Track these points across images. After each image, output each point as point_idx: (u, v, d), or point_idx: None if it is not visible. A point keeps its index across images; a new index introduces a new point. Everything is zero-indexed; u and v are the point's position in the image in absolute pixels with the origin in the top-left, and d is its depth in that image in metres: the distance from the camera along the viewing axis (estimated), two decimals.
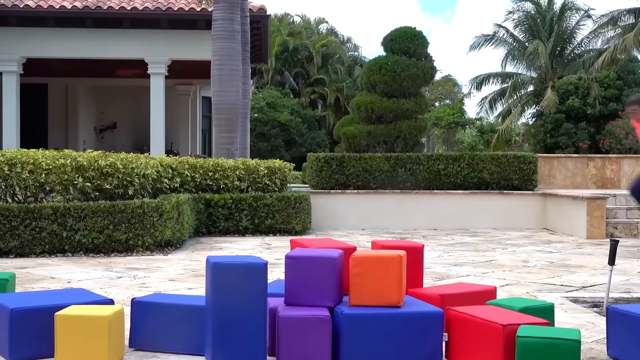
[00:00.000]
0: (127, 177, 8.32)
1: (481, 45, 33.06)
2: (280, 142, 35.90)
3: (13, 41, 19.10)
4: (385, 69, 16.70)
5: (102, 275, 6.56)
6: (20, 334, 3.69)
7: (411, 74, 16.64)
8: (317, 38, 47.30)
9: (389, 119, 16.76)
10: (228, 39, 13.17)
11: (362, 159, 12.51)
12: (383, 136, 16.56)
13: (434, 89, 49.61)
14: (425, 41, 17.25)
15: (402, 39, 17.01)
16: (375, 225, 12.24)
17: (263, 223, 10.49)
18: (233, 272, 3.47)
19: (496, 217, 12.55)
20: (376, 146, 16.59)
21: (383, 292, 3.72)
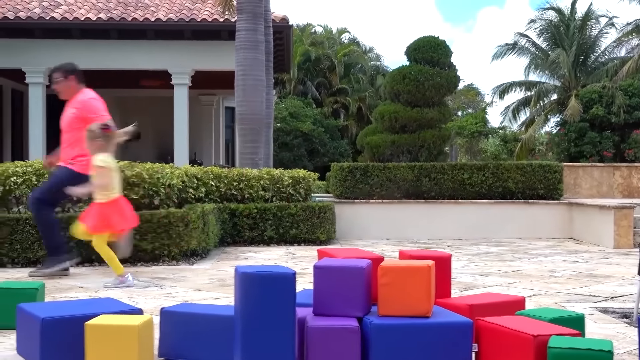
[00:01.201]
0: (153, 187, 8.36)
1: (504, 54, 32.97)
2: (302, 151, 35.95)
3: (39, 53, 19.29)
4: (408, 78, 16.69)
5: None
6: (51, 343, 3.71)
7: (435, 83, 16.61)
8: (339, 48, 47.35)
9: (412, 128, 16.73)
10: (252, 49, 13.22)
11: (386, 168, 12.49)
12: (407, 145, 16.53)
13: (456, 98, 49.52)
14: (448, 50, 17.22)
15: (425, 48, 17.00)
16: (400, 235, 12.21)
17: (287, 233, 10.50)
18: (262, 282, 3.47)
19: (521, 226, 12.48)
20: (400, 155, 16.56)
21: (412, 302, 3.71)
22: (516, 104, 33.72)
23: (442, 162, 13.36)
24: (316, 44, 46.72)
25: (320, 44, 46.85)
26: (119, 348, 3.54)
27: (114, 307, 4.04)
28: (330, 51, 46.27)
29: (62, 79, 7.32)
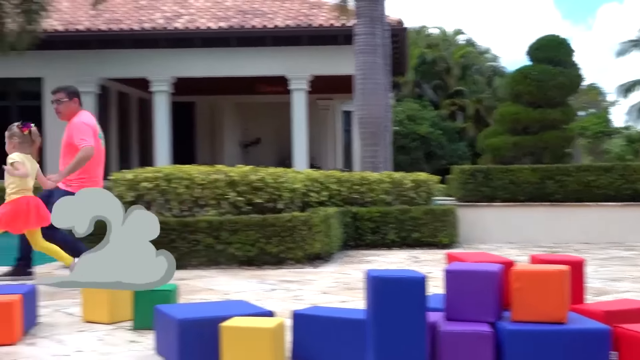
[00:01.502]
0: (277, 191, 8.50)
1: (627, 51, 31.88)
2: (420, 154, 35.76)
3: (163, 62, 19.94)
4: (530, 79, 16.35)
5: (256, 287, 6.72)
6: (188, 344, 3.83)
7: (557, 83, 16.21)
8: (455, 49, 46.86)
9: (534, 130, 16.38)
10: (370, 53, 13.26)
11: (509, 170, 12.27)
12: (529, 147, 16.19)
13: (578, 98, 48.15)
14: (570, 49, 16.79)
15: (547, 47, 16.63)
16: (524, 239, 11.95)
17: (409, 236, 10.46)
18: (393, 286, 3.47)
19: None
20: (522, 157, 16.24)
21: (546, 308, 3.63)
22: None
23: (566, 164, 13.00)
24: (432, 46, 46.39)
25: (436, 46, 46.49)
26: (254, 350, 3.62)
27: (246, 309, 4.13)
28: (446, 53, 45.84)
29: (67, 100, 7.27)
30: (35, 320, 4.96)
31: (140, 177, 8.34)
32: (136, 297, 4.79)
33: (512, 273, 3.71)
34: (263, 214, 8.43)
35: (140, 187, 8.34)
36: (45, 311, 5.42)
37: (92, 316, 5.05)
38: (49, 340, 4.50)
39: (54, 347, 4.32)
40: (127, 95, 23.73)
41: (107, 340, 4.51)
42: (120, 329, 4.83)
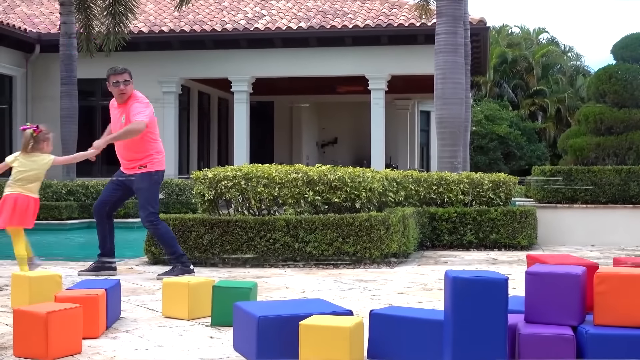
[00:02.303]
0: (355, 190, 8.50)
1: None
2: (498, 155, 35.33)
3: (244, 62, 20.20)
4: (615, 78, 15.93)
5: (332, 286, 6.74)
6: (267, 341, 3.86)
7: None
8: (536, 48, 46.11)
9: (619, 130, 15.94)
10: (451, 52, 13.14)
11: (591, 171, 11.99)
12: (613, 148, 15.77)
13: None
14: None
15: (633, 45, 16.17)
16: (605, 242, 11.67)
17: (487, 237, 10.33)
18: (474, 287, 3.44)
19: None
20: (605, 158, 15.84)
21: (631, 312, 3.54)
22: None
23: None
24: (512, 45, 45.77)
25: (517, 45, 45.85)
26: (332, 348, 3.63)
27: (325, 308, 4.14)
28: (527, 52, 45.16)
29: (131, 80, 7.31)
30: (118, 315, 5.08)
31: (220, 175, 8.45)
32: (215, 294, 4.86)
33: (596, 276, 3.63)
34: (340, 213, 8.45)
35: (220, 185, 8.45)
36: (127, 306, 5.55)
37: (172, 312, 5.14)
38: (131, 335, 4.60)
39: (136, 342, 4.42)
40: (207, 95, 24.13)
41: (186, 335, 4.59)
42: (200, 325, 4.91)
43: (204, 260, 8.19)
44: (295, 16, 20.72)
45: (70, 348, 4.11)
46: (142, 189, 7.26)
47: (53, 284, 5.20)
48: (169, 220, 8.25)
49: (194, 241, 8.18)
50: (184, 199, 16.77)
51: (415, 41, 19.86)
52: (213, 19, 20.83)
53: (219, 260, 8.17)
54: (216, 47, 20.44)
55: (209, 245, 8.18)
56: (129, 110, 7.17)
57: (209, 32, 20.00)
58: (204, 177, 8.57)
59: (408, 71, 20.21)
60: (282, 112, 26.72)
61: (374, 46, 20.13)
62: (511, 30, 48.71)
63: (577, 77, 45.14)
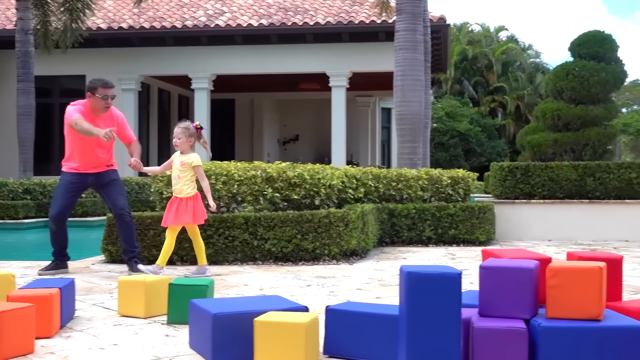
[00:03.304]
0: (314, 187, 8.51)
1: None
2: (459, 151, 35.58)
3: (204, 59, 20.09)
4: (572, 75, 16.15)
5: (291, 283, 6.73)
6: (222, 338, 3.84)
7: (600, 79, 15.99)
8: (496, 46, 46.53)
9: (576, 126, 16.17)
10: (410, 49, 13.19)
11: (548, 167, 12.14)
12: (570, 144, 16.00)
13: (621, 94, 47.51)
14: (614, 45, 16.53)
15: (590, 43, 16.40)
16: (562, 236, 11.83)
17: (446, 233, 10.40)
18: (428, 281, 3.44)
19: None
20: (562, 154, 16.05)
21: (582, 305, 3.58)
22: None
23: (607, 161, 12.82)
24: (473, 42, 46.14)
25: (478, 42, 46.22)
26: (287, 344, 3.62)
27: (281, 304, 4.14)
28: (487, 49, 45.55)
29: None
30: (73, 314, 5.03)
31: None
32: (171, 292, 4.82)
33: (548, 270, 3.67)
34: (300, 210, 8.45)
35: None
36: (82, 305, 5.49)
37: (127, 310, 5.10)
38: (85, 334, 4.55)
39: (90, 341, 4.37)
40: (167, 92, 23.96)
41: (141, 334, 4.56)
42: (156, 323, 4.87)
43: None
44: (256, 13, 20.65)
45: (23, 348, 4.05)
46: (117, 180, 7.55)
47: (6, 283, 5.11)
48: None
49: (152, 239, 8.11)
50: (144, 197, 16.66)
51: (376, 38, 19.92)
52: (173, 16, 20.68)
53: (177, 259, 8.11)
54: (176, 44, 20.30)
55: None
56: (120, 126, 7.53)
57: (169, 28, 19.86)
58: (162, 175, 8.50)
59: (369, 68, 20.25)
60: (243, 110, 26.62)
61: (335, 43, 20.15)
62: (472, 28, 49.10)
63: (536, 74, 45.65)
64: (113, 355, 4.01)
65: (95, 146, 7.34)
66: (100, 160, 7.44)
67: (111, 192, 7.44)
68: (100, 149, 7.39)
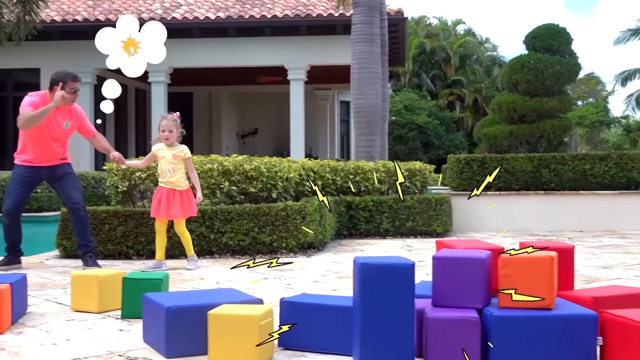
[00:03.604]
0: (271, 180, 8.49)
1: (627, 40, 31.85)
2: (417, 144, 35.77)
3: None
4: (527, 67, 16.31)
5: (248, 276, 6.71)
6: (175, 331, 3.82)
7: (555, 71, 16.18)
8: (454, 39, 46.85)
9: (531, 119, 16.34)
10: (367, 42, 13.22)
11: (504, 159, 12.26)
12: (525, 136, 16.17)
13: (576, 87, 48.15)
14: (569, 38, 16.73)
15: (544, 36, 16.57)
16: (518, 228, 11.97)
17: (404, 225, 10.46)
18: (381, 272, 3.46)
19: None
20: (518, 146, 16.22)
21: (534, 294, 3.63)
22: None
23: (562, 153, 12.99)
24: (431, 35, 46.37)
25: (435, 35, 46.47)
26: (241, 337, 3.61)
27: (235, 297, 4.12)
28: (445, 43, 45.83)
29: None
30: (25, 310, 4.96)
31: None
32: (125, 286, 4.78)
33: (500, 260, 3.71)
34: (257, 203, 8.43)
35: (134, 177, 8.33)
36: (35, 301, 5.42)
37: (81, 305, 5.04)
38: (37, 330, 4.49)
39: (42, 337, 4.31)
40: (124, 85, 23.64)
41: (95, 329, 4.51)
42: (110, 318, 4.83)
43: (117, 253, 8.06)
44: (213, 6, 20.51)
45: None
46: (71, 173, 7.45)
47: None
48: None
49: (107, 234, 8.04)
50: (100, 191, 16.47)
51: (334, 31, 19.90)
52: (129, 8, 20.46)
53: (133, 253, 8.05)
54: None
55: (123, 238, 8.05)
56: (79, 119, 7.46)
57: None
58: (117, 168, 8.42)
59: (327, 61, 20.24)
60: (201, 103, 26.45)
61: (293, 36, 20.09)
62: (429, 21, 49.34)
63: (493, 68, 46.04)
64: (65, 351, 3.97)
65: (50, 139, 7.23)
66: (55, 153, 7.32)
67: (65, 186, 7.34)
68: (55, 142, 7.29)
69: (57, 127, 7.26)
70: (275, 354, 3.86)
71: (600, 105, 44.26)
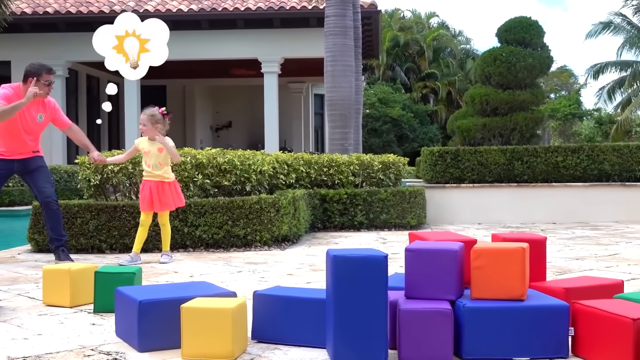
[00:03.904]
0: (245, 173, 8.47)
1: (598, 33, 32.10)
2: (392, 137, 35.85)
3: None
4: (500, 60, 16.38)
5: (222, 269, 6.70)
6: (148, 325, 3.80)
7: (527, 64, 16.26)
8: (427, 32, 46.95)
9: (504, 111, 16.42)
10: (340, 35, 13.22)
11: (477, 152, 12.33)
12: (498, 129, 16.25)
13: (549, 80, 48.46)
14: (541, 30, 16.81)
15: (517, 29, 16.63)
16: (491, 220, 12.05)
17: (378, 218, 10.48)
18: (354, 264, 3.46)
19: (618, 209, 12.14)
20: (491, 139, 16.30)
21: (506, 285, 3.65)
22: (611, 84, 32.78)
23: (534, 145, 13.09)
24: (405, 29, 46.44)
25: (409, 28, 46.55)
26: (214, 330, 3.60)
27: (208, 290, 4.11)
28: (419, 36, 45.93)
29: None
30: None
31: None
32: (97, 280, 4.75)
33: (472, 251, 3.73)
34: (230, 196, 8.40)
35: (106, 170, 8.27)
36: (6, 295, 5.36)
37: (53, 300, 5.00)
38: (8, 324, 4.45)
39: (13, 331, 4.27)
40: (96, 78, 23.53)
41: (67, 323, 4.48)
42: (82, 312, 4.79)
43: (90, 247, 8.00)
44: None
45: None
46: (44, 167, 7.40)
47: None
48: None
49: (79, 227, 7.98)
50: (73, 185, 16.35)
51: (307, 24, 19.88)
52: (101, 0, 20.29)
53: (106, 247, 8.00)
54: None
55: (96, 232, 7.99)
56: (53, 112, 7.42)
57: (96, 13, 19.47)
58: (89, 162, 8.35)
59: (301, 54, 20.22)
60: (174, 96, 26.31)
61: (267, 29, 20.04)
62: (403, 14, 49.40)
63: (466, 61, 46.23)
64: (37, 345, 3.93)
65: (23, 131, 7.16)
66: (27, 146, 7.26)
67: (37, 180, 7.28)
68: (28, 135, 7.22)
69: (30, 119, 7.20)
70: (249, 347, 3.85)
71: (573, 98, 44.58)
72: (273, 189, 9.20)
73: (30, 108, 7.17)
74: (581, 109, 43.64)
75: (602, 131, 36.76)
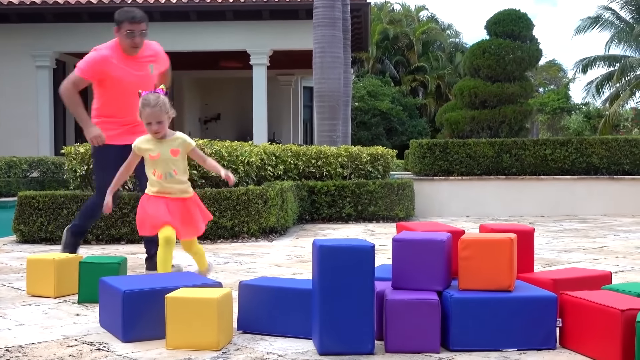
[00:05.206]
0: (232, 164, 8.42)
1: (587, 28, 32.15)
2: (381, 130, 35.82)
3: None
4: (489, 53, 16.37)
5: (209, 260, 6.63)
6: (133, 315, 3.76)
7: (516, 57, 16.26)
8: (417, 25, 46.92)
9: (492, 104, 16.42)
10: (329, 26, 13.17)
11: (466, 144, 12.32)
12: (487, 121, 16.25)
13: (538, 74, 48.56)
14: (530, 23, 16.82)
15: (506, 21, 16.63)
16: (480, 212, 12.04)
17: (366, 210, 10.45)
18: (340, 254, 3.43)
19: (606, 202, 12.16)
20: (480, 132, 16.30)
21: (493, 276, 3.63)
22: (600, 79, 32.84)
23: (523, 138, 13.09)
24: (394, 21, 46.41)
25: (398, 21, 46.52)
26: (199, 320, 3.56)
27: (194, 280, 4.07)
28: (408, 29, 45.89)
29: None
30: None
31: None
32: (82, 270, 4.70)
33: (460, 241, 3.70)
34: (218, 187, 8.35)
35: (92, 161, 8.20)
36: None
37: (37, 290, 4.95)
38: None
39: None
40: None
41: (51, 313, 4.43)
42: (66, 303, 4.74)
43: None
44: None
45: None
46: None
47: None
48: (39, 197, 7.96)
49: (65, 218, 7.91)
50: (60, 177, 16.26)
51: (296, 16, 19.80)
52: None
53: (92, 238, 7.94)
54: (92, 20, 19.78)
55: None
56: (164, 59, 6.16)
57: (84, 4, 19.34)
58: (75, 152, 8.29)
59: (290, 46, 20.14)
60: None
61: (256, 21, 19.95)
62: (393, 7, 49.38)
63: (456, 54, 46.25)
64: (20, 336, 3.89)
65: (134, 106, 6.04)
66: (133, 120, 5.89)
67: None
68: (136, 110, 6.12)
69: (145, 78, 5.99)
70: (235, 338, 3.82)
71: (561, 92, 44.70)
72: (261, 181, 9.16)
73: (135, 65, 5.92)
74: (570, 103, 43.76)
75: (590, 125, 36.86)
